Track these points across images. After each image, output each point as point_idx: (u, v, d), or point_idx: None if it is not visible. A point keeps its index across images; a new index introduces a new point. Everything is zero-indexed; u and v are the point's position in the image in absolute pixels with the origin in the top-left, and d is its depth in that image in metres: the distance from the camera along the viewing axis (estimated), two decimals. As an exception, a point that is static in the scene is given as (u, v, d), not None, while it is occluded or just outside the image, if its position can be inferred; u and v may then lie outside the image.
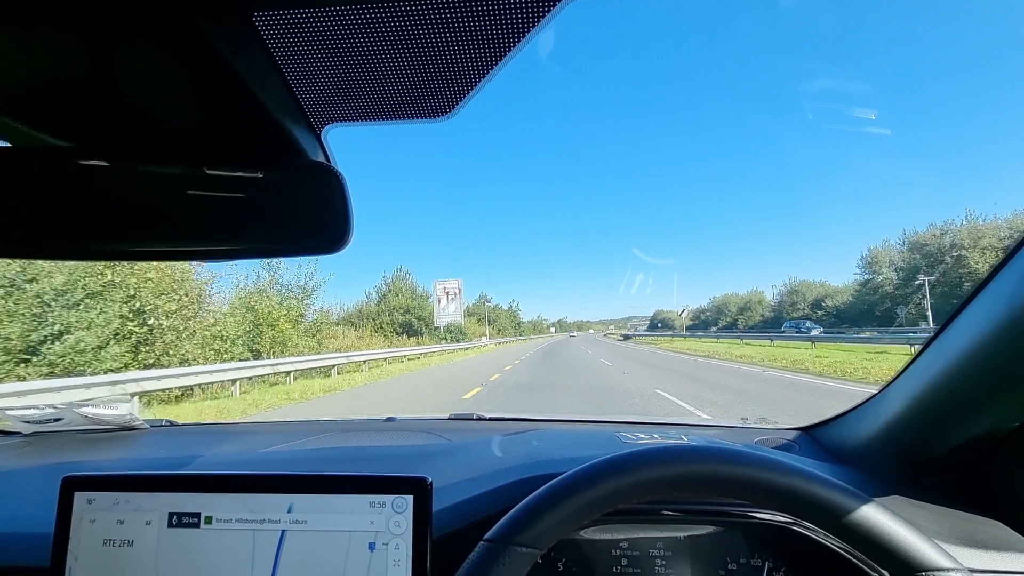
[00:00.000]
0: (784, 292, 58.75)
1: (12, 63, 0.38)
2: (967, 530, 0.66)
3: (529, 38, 0.36)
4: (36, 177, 0.45)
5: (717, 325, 68.49)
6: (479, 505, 0.71)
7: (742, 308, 66.24)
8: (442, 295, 42.01)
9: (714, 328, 64.84)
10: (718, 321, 70.41)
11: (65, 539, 0.56)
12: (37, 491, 0.88)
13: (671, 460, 0.49)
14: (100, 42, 0.35)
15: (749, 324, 60.32)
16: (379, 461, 1.02)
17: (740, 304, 68.25)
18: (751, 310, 64.14)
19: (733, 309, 69.67)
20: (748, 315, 63.83)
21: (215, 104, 0.42)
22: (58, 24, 0.34)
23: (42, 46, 0.36)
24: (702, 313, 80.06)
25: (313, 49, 0.37)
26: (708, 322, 74.79)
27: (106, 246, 0.49)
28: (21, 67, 0.38)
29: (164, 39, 0.35)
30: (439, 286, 42.16)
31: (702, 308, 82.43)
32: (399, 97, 0.43)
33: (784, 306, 56.80)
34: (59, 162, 0.45)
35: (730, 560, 0.73)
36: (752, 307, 64.05)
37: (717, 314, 72.68)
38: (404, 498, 0.54)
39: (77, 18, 0.33)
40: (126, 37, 0.35)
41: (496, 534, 0.48)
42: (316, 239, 0.47)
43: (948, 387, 0.67)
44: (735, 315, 67.18)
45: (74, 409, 1.21)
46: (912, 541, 0.42)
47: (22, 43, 0.36)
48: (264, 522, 0.55)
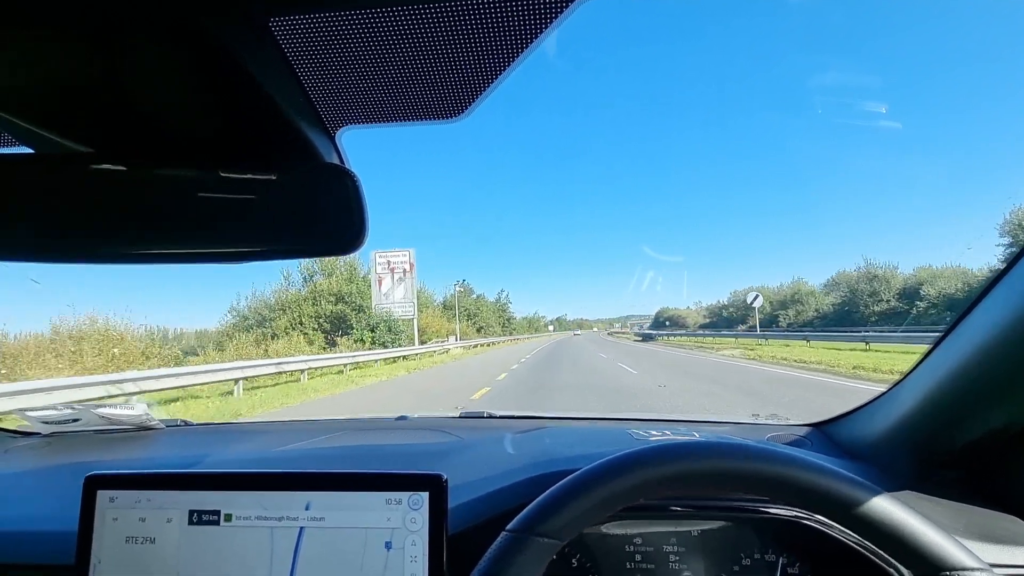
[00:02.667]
0: (859, 279, 42.92)
1: (35, 71, 0.38)
2: (983, 525, 0.66)
3: (541, 39, 0.36)
4: (57, 182, 0.46)
5: (745, 323, 56.56)
6: (494, 502, 0.71)
7: (783, 302, 54.03)
8: (384, 273, 27.65)
9: (742, 327, 52.56)
10: (746, 318, 58.31)
11: (89, 536, 0.57)
12: (58, 490, 0.89)
13: (697, 455, 0.49)
14: (119, 48, 0.36)
15: (802, 321, 46.37)
16: (393, 459, 1.03)
17: (779, 298, 56.55)
18: (801, 303, 50.06)
19: (766, 304, 56.72)
20: (797, 310, 49.87)
21: (232, 108, 0.42)
22: (79, 31, 0.35)
23: (64, 53, 0.37)
24: (723, 309, 68.75)
25: (328, 53, 0.38)
26: (732, 319, 62.58)
27: (121, 250, 0.50)
28: (43, 75, 0.39)
29: (183, 45, 0.36)
30: (379, 259, 27.85)
31: (722, 304, 71.89)
32: (413, 99, 0.44)
33: (861, 296, 41.52)
34: (78, 167, 0.46)
35: (744, 556, 0.73)
36: (803, 300, 50.21)
37: (744, 310, 60.49)
38: (420, 495, 0.55)
39: (97, 25, 0.34)
40: (145, 43, 0.36)
41: (518, 524, 0.49)
42: (332, 239, 0.48)
43: (964, 381, 0.67)
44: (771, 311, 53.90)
45: (91, 410, 1.23)
46: (937, 540, 0.42)
47: (44, 51, 0.36)
48: (283, 519, 0.56)
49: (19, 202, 0.46)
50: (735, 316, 62.66)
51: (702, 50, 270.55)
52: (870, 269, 42.18)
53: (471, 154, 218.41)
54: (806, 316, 47.54)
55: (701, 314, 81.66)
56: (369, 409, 8.62)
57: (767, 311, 54.66)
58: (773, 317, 50.63)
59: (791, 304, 51.38)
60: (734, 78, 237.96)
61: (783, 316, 49.62)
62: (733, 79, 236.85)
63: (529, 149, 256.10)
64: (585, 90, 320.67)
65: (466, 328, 46.46)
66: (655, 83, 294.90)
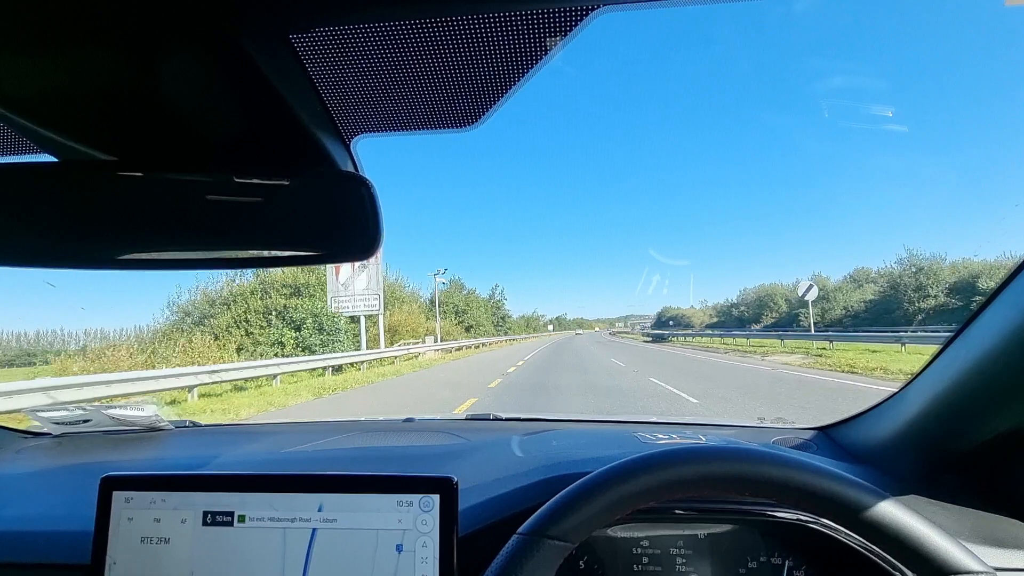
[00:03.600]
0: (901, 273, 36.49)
1: (61, 81, 0.39)
2: (988, 529, 0.66)
3: (554, 52, 0.37)
4: (80, 190, 0.47)
5: (759, 322, 51.69)
6: (503, 504, 0.72)
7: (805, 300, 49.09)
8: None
9: (755, 326, 47.24)
10: (760, 318, 53.56)
11: (104, 536, 0.58)
12: (71, 490, 0.91)
13: (705, 460, 0.50)
14: (146, 59, 0.37)
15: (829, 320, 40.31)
16: (402, 461, 1.03)
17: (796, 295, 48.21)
18: (829, 301, 43.57)
19: (782, 302, 52.20)
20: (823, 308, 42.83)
21: (252, 116, 0.43)
22: (103, 42, 0.36)
23: (89, 64, 0.38)
24: (734, 308, 63.27)
25: (346, 64, 0.39)
26: (743, 319, 56.87)
27: (139, 255, 0.51)
28: (70, 85, 0.40)
29: (209, 56, 0.37)
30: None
31: (731, 303, 66.85)
32: (428, 109, 0.45)
33: (905, 290, 35.10)
34: (101, 175, 0.47)
35: (750, 559, 0.73)
36: (831, 297, 43.71)
37: (758, 308, 55.67)
38: (431, 497, 0.56)
39: (125, 37, 0.35)
40: (170, 54, 0.37)
41: (530, 527, 0.49)
42: (348, 245, 0.49)
43: (971, 384, 0.67)
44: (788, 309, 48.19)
45: (102, 411, 1.24)
46: (941, 543, 0.43)
47: (74, 61, 0.37)
48: (295, 520, 0.56)
49: (41, 209, 0.47)
50: (747, 315, 57.18)
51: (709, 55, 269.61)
52: (914, 261, 35.87)
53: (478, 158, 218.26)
54: (834, 315, 41.48)
55: (707, 313, 77.46)
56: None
57: (784, 310, 50.14)
58: (794, 316, 44.75)
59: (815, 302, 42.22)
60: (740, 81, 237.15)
61: (803, 315, 42.15)
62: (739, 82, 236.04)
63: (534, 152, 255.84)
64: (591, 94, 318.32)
65: (452, 327, 39.31)
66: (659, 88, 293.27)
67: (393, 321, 26.83)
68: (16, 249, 0.48)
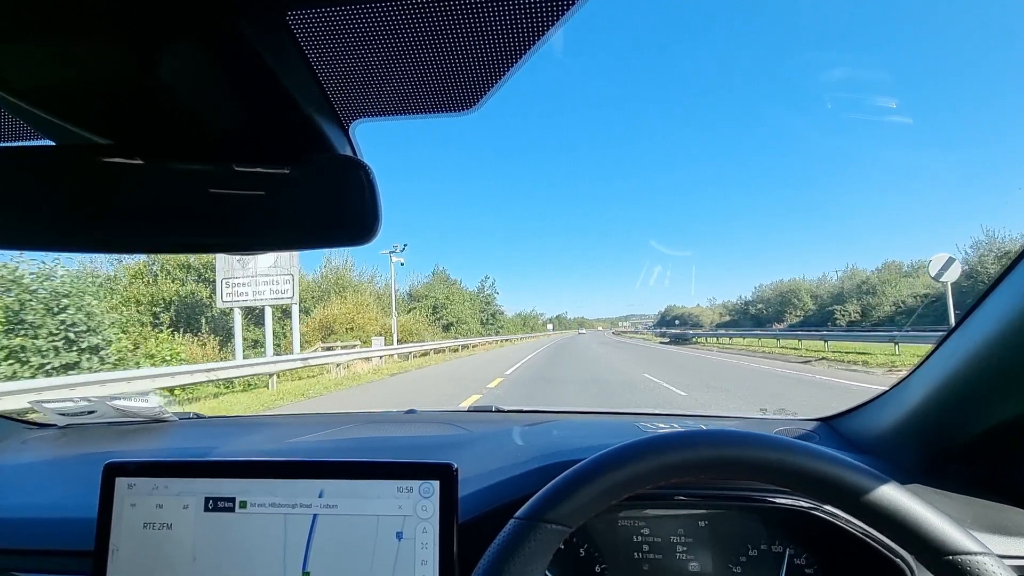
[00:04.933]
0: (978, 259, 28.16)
1: (58, 66, 0.39)
2: (991, 517, 0.66)
3: (554, 30, 0.37)
4: (75, 173, 0.47)
5: (781, 321, 45.01)
6: (503, 490, 0.72)
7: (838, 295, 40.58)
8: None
9: (777, 325, 40.24)
10: (782, 316, 47.09)
11: (107, 522, 0.59)
12: (76, 479, 0.91)
13: (703, 443, 0.50)
14: (140, 44, 0.37)
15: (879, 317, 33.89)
16: (403, 450, 1.04)
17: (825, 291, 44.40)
18: (874, 295, 35.97)
19: (807, 299, 46.49)
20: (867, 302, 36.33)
21: (248, 101, 0.43)
22: (101, 27, 0.35)
23: (86, 49, 0.38)
24: (750, 306, 58.15)
25: (344, 46, 0.39)
26: (761, 318, 51.33)
27: (139, 239, 0.51)
28: (67, 70, 0.40)
29: (202, 39, 0.36)
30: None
31: (745, 300, 62.28)
32: (426, 92, 0.45)
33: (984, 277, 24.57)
34: (96, 159, 0.47)
35: (751, 546, 0.73)
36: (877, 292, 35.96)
37: (780, 306, 49.58)
38: (431, 483, 0.56)
39: (119, 21, 0.35)
40: (165, 38, 0.37)
41: (527, 512, 0.50)
42: (347, 230, 0.49)
43: (973, 373, 0.67)
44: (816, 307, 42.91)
45: (106, 402, 1.25)
46: (941, 525, 0.42)
47: (68, 47, 0.37)
48: (296, 506, 0.57)
49: (37, 193, 0.47)
50: (765, 314, 51.61)
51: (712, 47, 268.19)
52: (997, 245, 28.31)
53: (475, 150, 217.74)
54: (883, 310, 34.84)
55: (717, 312, 74.21)
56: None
57: (809, 308, 44.58)
58: (829, 313, 38.77)
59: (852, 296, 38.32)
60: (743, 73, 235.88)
61: (839, 312, 37.67)
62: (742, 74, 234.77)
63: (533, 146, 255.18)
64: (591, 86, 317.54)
65: (424, 325, 30.88)
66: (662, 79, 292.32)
67: (327, 315, 21.81)
68: (12, 233, 0.48)
